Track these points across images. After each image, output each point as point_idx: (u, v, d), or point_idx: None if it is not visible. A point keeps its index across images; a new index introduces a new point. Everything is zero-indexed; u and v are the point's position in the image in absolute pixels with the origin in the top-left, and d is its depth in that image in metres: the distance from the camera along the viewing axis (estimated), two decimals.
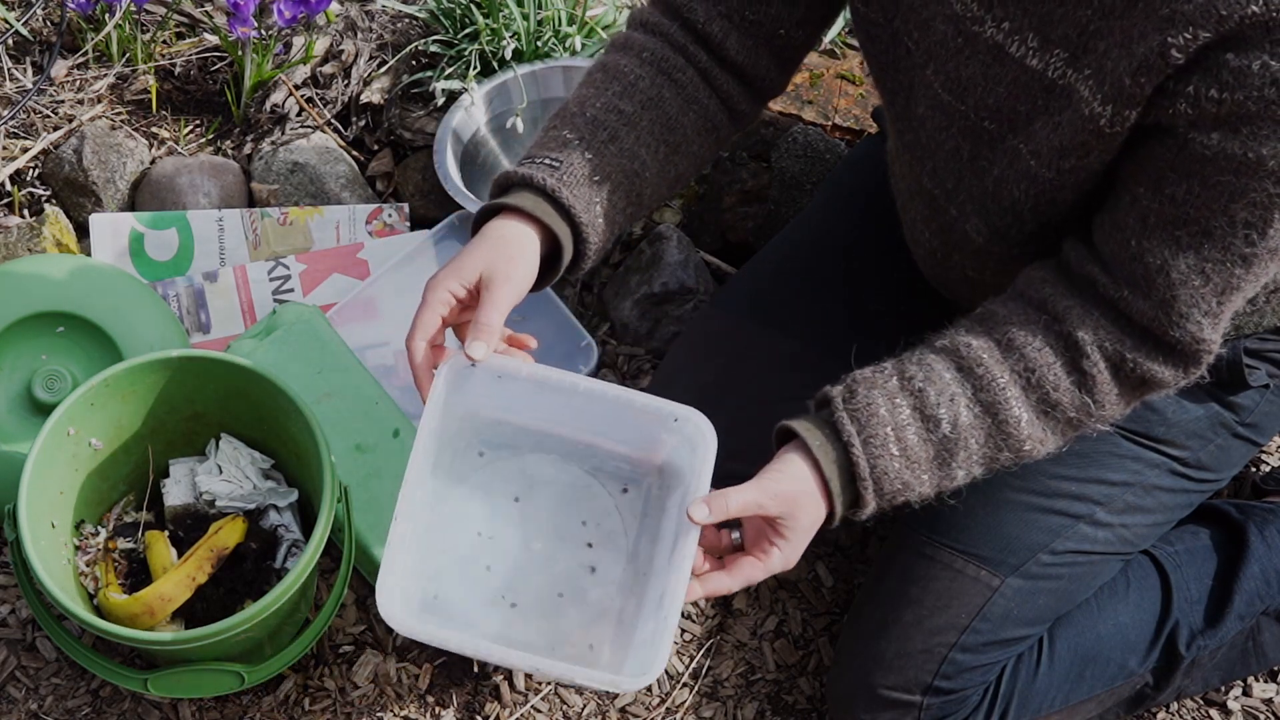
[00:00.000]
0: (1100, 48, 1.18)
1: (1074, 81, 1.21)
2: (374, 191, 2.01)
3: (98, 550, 1.60)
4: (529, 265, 1.32)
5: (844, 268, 1.66)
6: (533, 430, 1.42)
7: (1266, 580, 1.60)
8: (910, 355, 1.30)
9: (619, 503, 1.41)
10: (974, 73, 1.28)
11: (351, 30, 2.07)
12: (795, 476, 1.26)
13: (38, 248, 1.82)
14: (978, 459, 1.28)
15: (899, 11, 1.33)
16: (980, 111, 1.29)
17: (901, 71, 1.37)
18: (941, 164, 1.38)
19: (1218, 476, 1.56)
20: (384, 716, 1.63)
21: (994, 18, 1.24)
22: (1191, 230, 1.19)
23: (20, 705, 1.61)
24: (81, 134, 1.95)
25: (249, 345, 1.71)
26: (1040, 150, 1.26)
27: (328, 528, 1.48)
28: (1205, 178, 1.16)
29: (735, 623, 1.72)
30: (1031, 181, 1.28)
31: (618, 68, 1.43)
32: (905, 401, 1.27)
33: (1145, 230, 1.21)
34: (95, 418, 1.55)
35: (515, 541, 1.41)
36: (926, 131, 1.37)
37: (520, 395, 1.36)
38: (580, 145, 1.37)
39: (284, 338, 1.71)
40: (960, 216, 1.40)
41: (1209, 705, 1.70)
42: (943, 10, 1.28)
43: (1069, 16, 1.19)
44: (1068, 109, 1.22)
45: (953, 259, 1.49)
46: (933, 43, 1.31)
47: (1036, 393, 1.27)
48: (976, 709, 1.52)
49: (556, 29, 1.99)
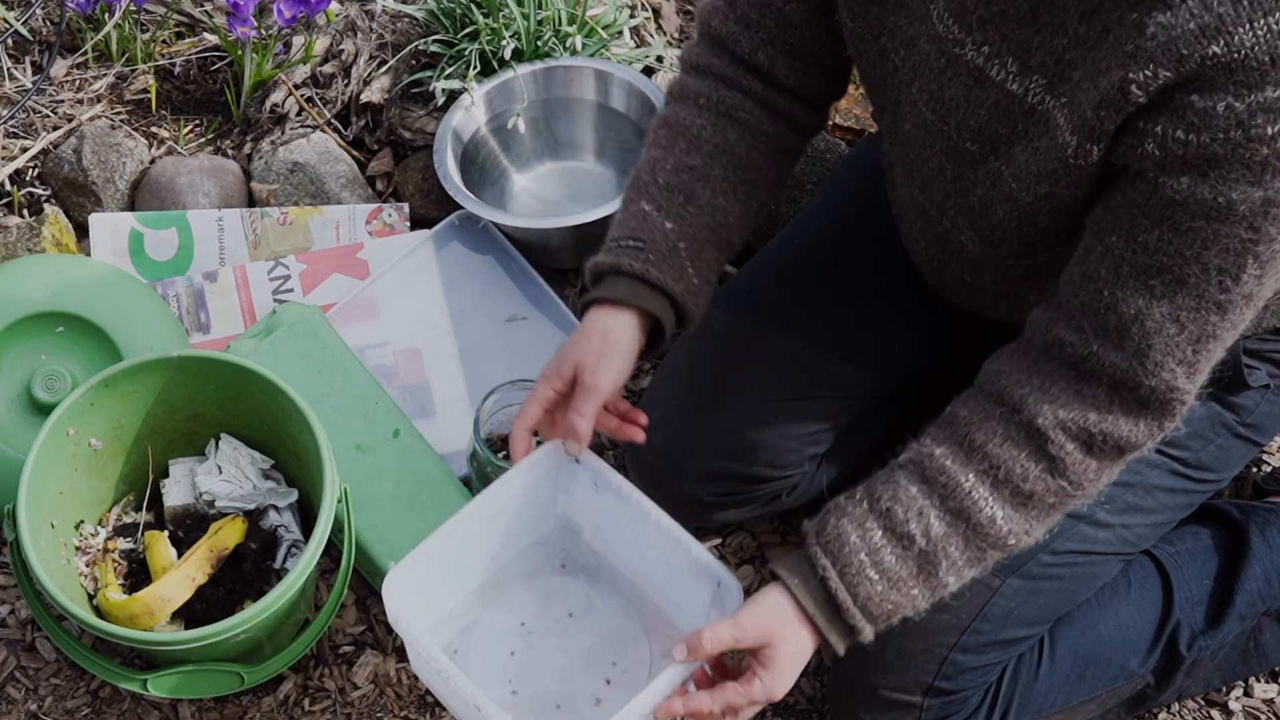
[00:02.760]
0: (1075, 77, 1.17)
1: (1051, 108, 1.20)
2: (374, 191, 2.01)
3: (97, 550, 1.60)
4: (623, 357, 1.38)
5: (844, 268, 1.65)
6: (615, 568, 1.52)
7: (1268, 580, 1.59)
8: (880, 474, 1.31)
9: (654, 663, 1.48)
10: (956, 94, 1.27)
11: (351, 30, 2.06)
12: (770, 608, 1.29)
13: (37, 248, 1.82)
14: (963, 563, 1.28)
15: (885, 28, 1.33)
16: (963, 133, 1.29)
17: (889, 87, 1.36)
18: (929, 179, 1.38)
19: (1219, 477, 1.56)
20: (384, 717, 1.63)
21: (974, 41, 1.23)
22: (1165, 278, 1.17)
23: (20, 705, 1.61)
24: (81, 134, 1.95)
25: (249, 345, 1.71)
26: (1020, 174, 1.25)
27: (328, 528, 1.48)
28: (1177, 223, 1.14)
29: None
30: (1013, 204, 1.28)
31: (679, 122, 1.46)
32: (876, 524, 1.28)
33: (1118, 280, 1.20)
34: (95, 418, 1.55)
35: (548, 647, 1.50)
36: (913, 148, 1.37)
37: (607, 510, 1.47)
38: (660, 215, 1.41)
39: (284, 338, 1.71)
40: (953, 228, 1.40)
41: (1210, 705, 1.70)
42: (926, 30, 1.27)
43: (1046, 44, 1.18)
44: (1045, 135, 1.21)
45: (950, 266, 1.49)
46: (917, 61, 1.30)
47: (1007, 487, 1.26)
48: (977, 710, 1.52)
49: (556, 29, 1.99)
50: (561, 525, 1.55)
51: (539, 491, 1.49)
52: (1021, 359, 1.28)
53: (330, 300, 1.87)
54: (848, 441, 1.64)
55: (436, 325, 1.87)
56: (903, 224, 1.53)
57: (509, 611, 1.53)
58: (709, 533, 1.77)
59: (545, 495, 1.51)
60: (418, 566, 1.39)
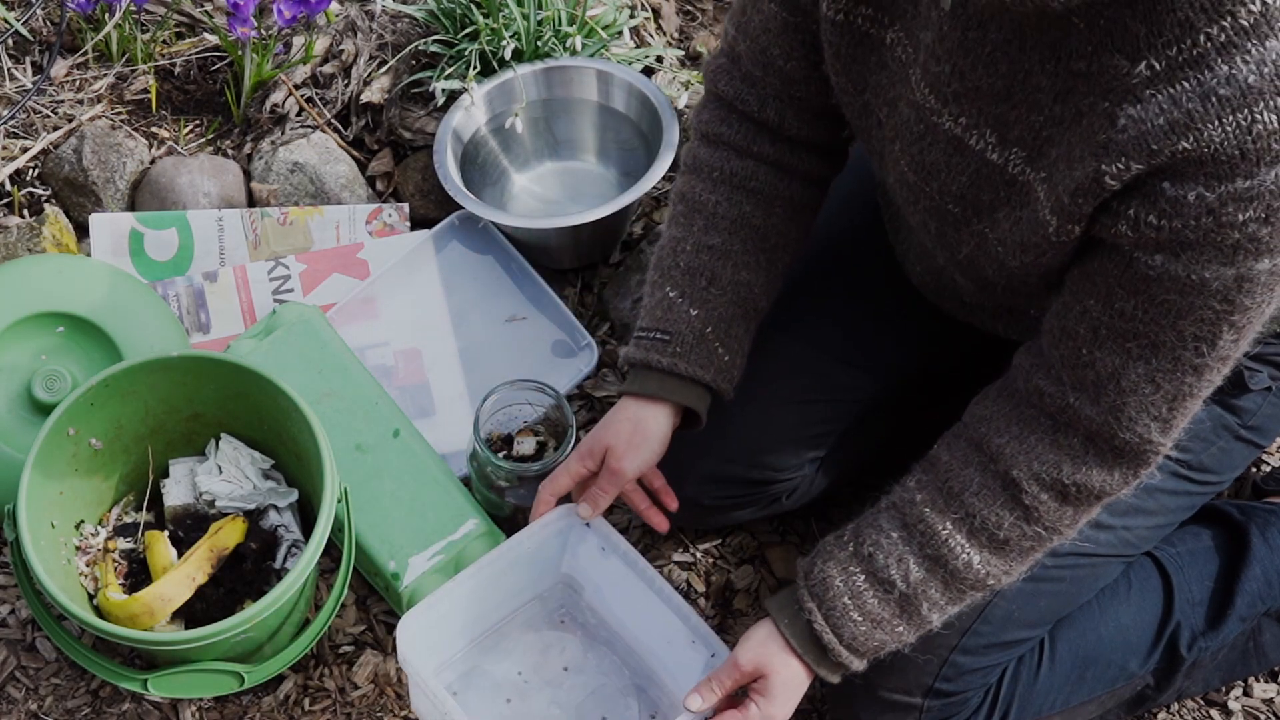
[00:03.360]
0: (1052, 154, 1.17)
1: (1032, 180, 1.20)
2: (374, 191, 2.00)
3: (97, 550, 1.60)
4: (651, 447, 1.48)
5: (845, 272, 1.65)
6: (612, 628, 1.61)
7: (1268, 581, 1.59)
8: (867, 516, 1.37)
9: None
10: (937, 159, 1.27)
11: (351, 30, 2.06)
12: (761, 641, 1.39)
13: (37, 247, 1.82)
14: (944, 602, 1.35)
15: (869, 86, 1.33)
16: (945, 196, 1.29)
17: (874, 140, 1.37)
18: (917, 228, 1.39)
19: (1220, 478, 1.56)
20: (384, 717, 1.63)
21: (950, 113, 1.23)
22: (1141, 343, 1.19)
23: (20, 705, 1.61)
24: (81, 134, 1.95)
25: (249, 345, 1.71)
26: (1005, 240, 1.26)
27: (328, 528, 1.48)
28: (1152, 296, 1.15)
29: (735, 623, 1.72)
30: (1000, 265, 1.29)
31: (695, 199, 1.50)
32: (859, 569, 1.35)
33: (1096, 341, 1.21)
34: (95, 418, 1.55)
35: (543, 698, 1.58)
36: (896, 203, 1.38)
37: (611, 573, 1.56)
38: (684, 302, 1.47)
39: (284, 338, 1.71)
40: (946, 268, 1.41)
41: (1209, 706, 1.70)
42: (906, 95, 1.27)
43: (1023, 120, 1.18)
44: (1027, 206, 1.22)
45: (946, 291, 1.50)
46: (899, 123, 1.30)
47: (984, 534, 1.31)
48: (977, 711, 1.52)
49: (556, 29, 1.99)
50: (564, 583, 1.63)
51: (547, 549, 1.58)
52: (1003, 403, 1.32)
53: (330, 300, 1.87)
54: (847, 445, 1.65)
55: (436, 325, 1.87)
56: (898, 247, 1.55)
57: (508, 661, 1.60)
58: (709, 534, 1.77)
59: (553, 553, 1.59)
60: (431, 612, 1.48)
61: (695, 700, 1.39)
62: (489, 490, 1.67)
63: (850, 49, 1.31)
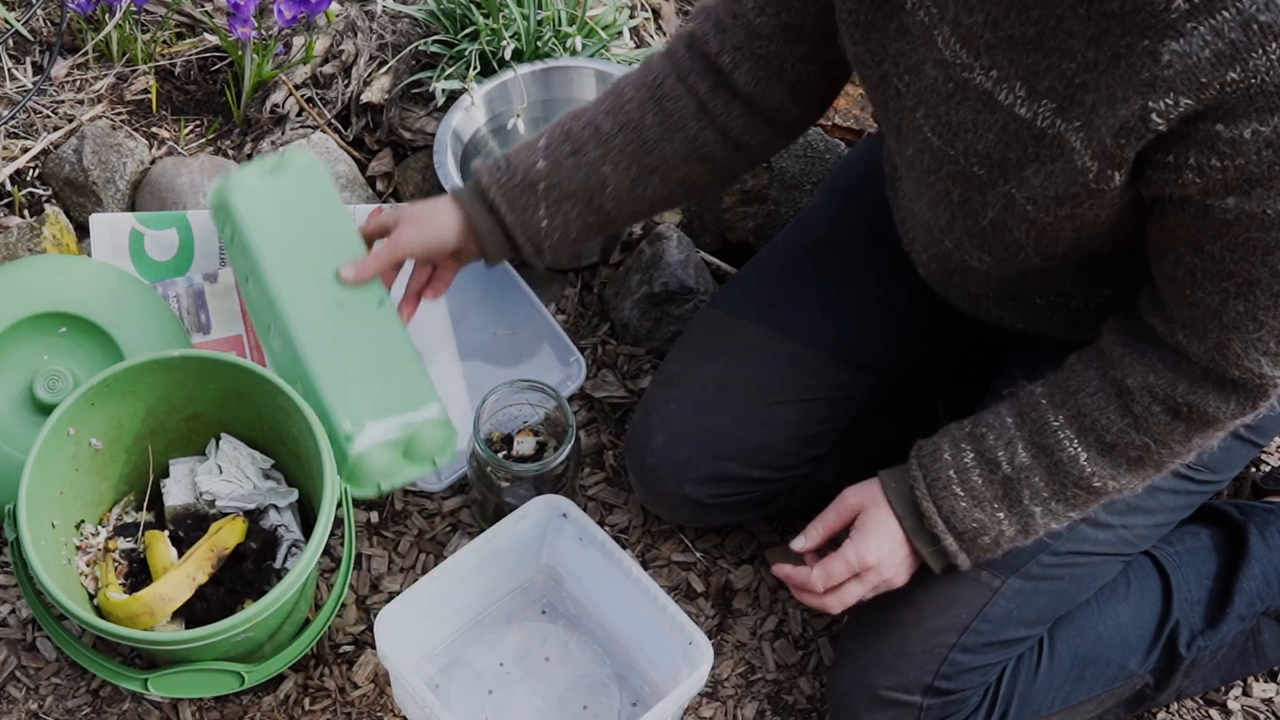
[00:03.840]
0: (1088, 101, 1.18)
1: (1064, 131, 1.21)
2: (374, 191, 2.01)
3: (98, 550, 1.60)
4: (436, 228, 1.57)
5: (844, 268, 1.66)
6: (593, 617, 1.63)
7: (1267, 580, 1.60)
8: (989, 406, 1.42)
9: (623, 709, 1.60)
10: (964, 118, 1.28)
11: (351, 30, 2.06)
12: (863, 487, 1.44)
13: (37, 248, 1.82)
14: (1048, 494, 1.37)
15: (888, 55, 1.33)
16: (970, 157, 1.29)
17: (891, 112, 1.37)
18: (932, 203, 1.38)
19: (1219, 477, 1.56)
20: (384, 716, 1.63)
21: (982, 66, 1.23)
22: (1237, 281, 1.20)
23: (20, 705, 1.61)
24: (81, 134, 1.95)
25: (252, 179, 1.65)
26: (1035, 197, 1.26)
27: (328, 528, 1.48)
28: (1235, 237, 1.17)
29: (735, 623, 1.72)
30: (1031, 224, 1.29)
31: (619, 87, 1.55)
32: (969, 446, 1.39)
33: (1194, 283, 1.23)
34: (95, 417, 1.55)
35: (525, 688, 1.60)
36: (916, 173, 1.38)
37: (591, 563, 1.58)
38: (541, 153, 1.53)
39: (290, 182, 1.66)
40: (956, 249, 1.41)
41: (1209, 705, 1.70)
42: (932, 55, 1.27)
43: (1054, 69, 1.19)
44: (1060, 158, 1.22)
45: (953, 279, 1.50)
46: (923, 87, 1.30)
47: (1092, 435, 1.34)
48: (976, 710, 1.52)
49: (556, 29, 1.99)
50: (545, 573, 1.65)
51: (527, 540, 1.60)
52: (1127, 324, 1.34)
53: None
54: (846, 443, 1.65)
55: (436, 326, 1.87)
56: (905, 235, 1.54)
57: (489, 652, 1.62)
58: (709, 534, 1.77)
59: (533, 544, 1.60)
60: (410, 605, 1.48)
61: (800, 541, 1.44)
62: (488, 490, 1.67)
63: (869, 16, 1.32)
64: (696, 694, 1.62)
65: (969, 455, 1.38)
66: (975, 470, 1.37)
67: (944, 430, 1.42)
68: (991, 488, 1.37)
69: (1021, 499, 1.37)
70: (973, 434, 1.39)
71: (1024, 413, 1.37)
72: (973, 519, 1.38)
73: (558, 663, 1.62)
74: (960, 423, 1.42)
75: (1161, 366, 1.30)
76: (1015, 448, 1.36)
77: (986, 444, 1.37)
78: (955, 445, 1.39)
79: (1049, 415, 1.35)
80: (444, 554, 1.72)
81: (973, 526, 1.38)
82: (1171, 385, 1.30)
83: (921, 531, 1.40)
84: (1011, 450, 1.36)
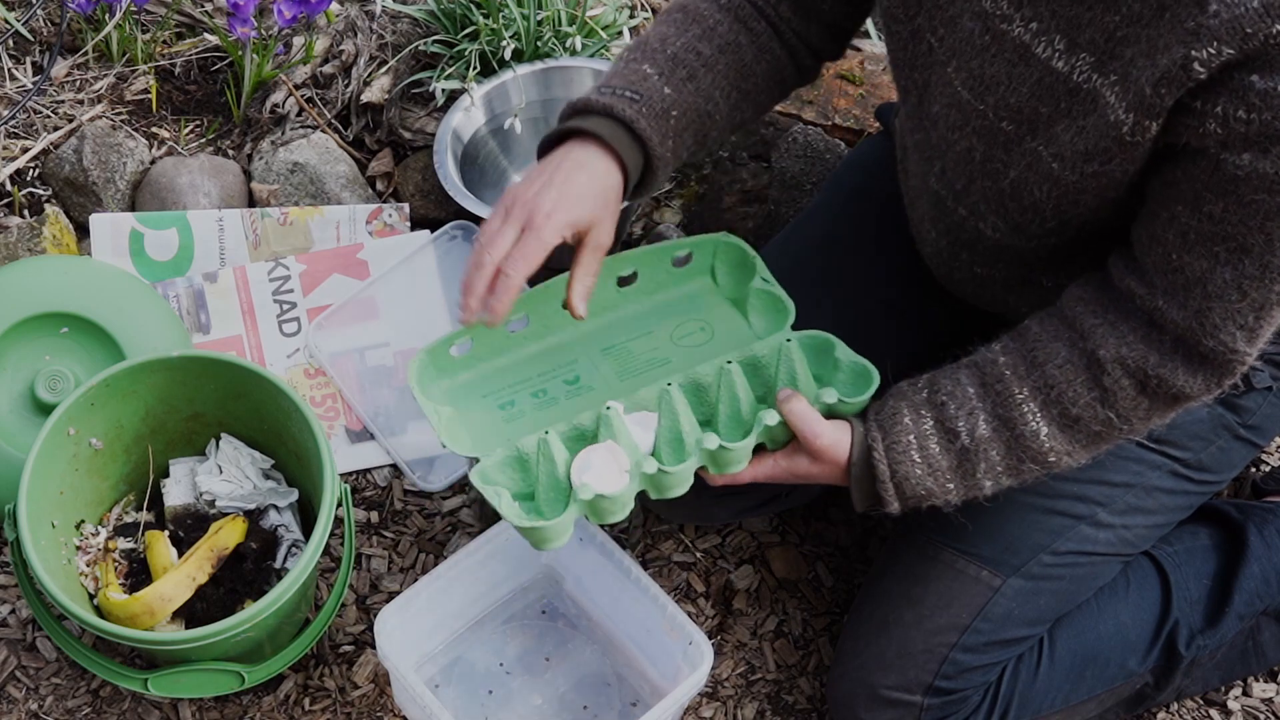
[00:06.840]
0: (1127, 54, 1.18)
1: (1099, 86, 1.21)
2: (374, 191, 2.01)
3: (98, 550, 1.60)
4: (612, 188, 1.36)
5: (844, 268, 1.65)
6: (593, 617, 1.63)
7: (1266, 580, 1.60)
8: (946, 369, 1.37)
9: (623, 709, 1.60)
10: (998, 71, 1.28)
11: (351, 30, 2.07)
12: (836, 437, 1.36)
13: (38, 248, 1.82)
14: (1001, 469, 1.34)
15: (923, 9, 1.34)
16: (1000, 111, 1.29)
17: (919, 69, 1.37)
18: (951, 165, 1.38)
19: (1219, 478, 1.56)
20: (384, 716, 1.63)
21: (1023, 17, 1.24)
22: (1229, 246, 1.20)
23: (20, 705, 1.61)
24: (82, 134, 1.95)
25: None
26: (1063, 153, 1.26)
27: (328, 528, 1.48)
28: (1240, 196, 1.17)
29: (735, 622, 1.72)
30: (1054, 183, 1.29)
31: (697, 10, 1.47)
32: (929, 414, 1.34)
33: (1185, 245, 1.23)
34: (95, 417, 1.55)
35: (525, 688, 1.60)
36: (939, 131, 1.38)
37: (590, 563, 1.57)
38: (660, 80, 1.41)
39: None
40: (970, 216, 1.40)
41: (1209, 705, 1.70)
42: (970, 7, 1.28)
43: (1097, 21, 1.19)
44: (1093, 114, 1.22)
45: (961, 257, 1.49)
46: (958, 39, 1.31)
47: (1057, 407, 1.31)
48: (977, 709, 1.52)
49: (556, 29, 1.99)
50: (545, 573, 1.66)
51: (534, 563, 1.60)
52: (1102, 293, 1.32)
53: (330, 300, 1.88)
54: None
55: (436, 326, 1.87)
56: (913, 214, 1.54)
57: (489, 652, 1.62)
58: (709, 534, 1.77)
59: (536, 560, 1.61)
60: (410, 605, 1.49)
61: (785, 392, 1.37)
62: None
63: None
64: (696, 694, 1.62)
65: (928, 423, 1.34)
66: (934, 439, 1.34)
67: (898, 393, 1.37)
68: (948, 457, 1.34)
69: (976, 472, 1.34)
70: (932, 400, 1.35)
71: (987, 383, 1.34)
72: (923, 487, 1.34)
73: (558, 663, 1.62)
74: (913, 384, 1.37)
75: (1133, 338, 1.29)
76: (976, 419, 1.33)
77: (947, 413, 1.34)
78: (915, 411, 1.35)
79: (1014, 387, 1.32)
80: (444, 554, 1.72)
81: (920, 493, 1.35)
82: (1143, 357, 1.28)
83: (864, 484, 1.36)
84: (973, 421, 1.33)
